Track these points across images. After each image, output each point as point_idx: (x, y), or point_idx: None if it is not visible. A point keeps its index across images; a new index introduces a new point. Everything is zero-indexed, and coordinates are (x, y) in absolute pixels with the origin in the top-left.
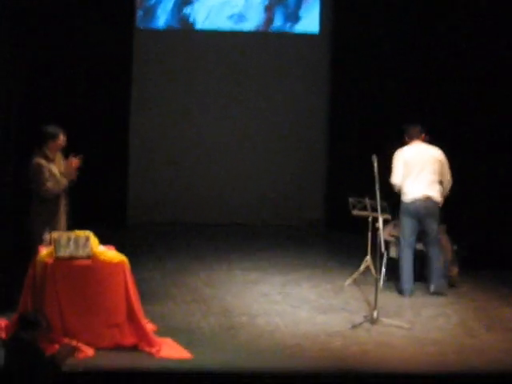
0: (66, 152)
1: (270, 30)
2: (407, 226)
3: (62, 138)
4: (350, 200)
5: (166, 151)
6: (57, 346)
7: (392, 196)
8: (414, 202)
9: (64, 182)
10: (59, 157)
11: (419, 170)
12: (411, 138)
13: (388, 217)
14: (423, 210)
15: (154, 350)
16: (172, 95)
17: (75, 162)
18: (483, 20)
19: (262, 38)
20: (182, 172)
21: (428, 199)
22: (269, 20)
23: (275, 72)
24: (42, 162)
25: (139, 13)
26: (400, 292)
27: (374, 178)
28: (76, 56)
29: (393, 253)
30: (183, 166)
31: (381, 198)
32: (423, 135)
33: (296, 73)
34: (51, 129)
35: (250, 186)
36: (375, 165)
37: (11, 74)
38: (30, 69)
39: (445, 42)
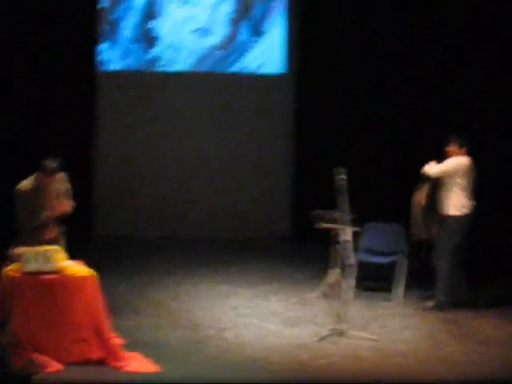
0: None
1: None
2: None
3: (57, 175)
4: (316, 213)
5: (132, 165)
6: (25, 361)
7: (360, 209)
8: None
9: (43, 217)
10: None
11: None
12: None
13: (355, 229)
14: None
15: (121, 365)
16: (137, 114)
17: (67, 207)
18: (452, 48)
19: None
20: (148, 186)
21: None
22: (234, 34)
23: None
24: (22, 190)
25: (104, 27)
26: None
27: (339, 191)
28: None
29: None
30: (150, 180)
31: (348, 210)
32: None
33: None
34: (48, 163)
35: (217, 201)
36: (340, 177)
37: None
38: None
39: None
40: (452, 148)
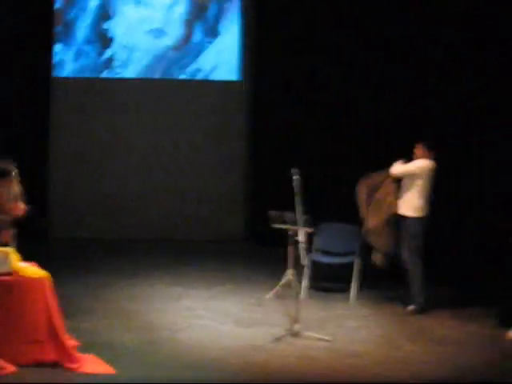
0: None
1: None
2: None
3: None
4: (271, 214)
5: (87, 168)
6: None
7: (314, 210)
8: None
9: None
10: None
11: None
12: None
13: (309, 230)
14: None
15: (75, 366)
16: (93, 116)
17: (22, 209)
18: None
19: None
20: (105, 188)
21: None
22: (188, 35)
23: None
24: None
25: (58, 28)
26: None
27: (294, 191)
28: None
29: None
30: (106, 182)
31: (302, 211)
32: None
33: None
34: (1, 165)
35: (173, 202)
36: (296, 178)
37: None
38: None
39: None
40: (420, 150)
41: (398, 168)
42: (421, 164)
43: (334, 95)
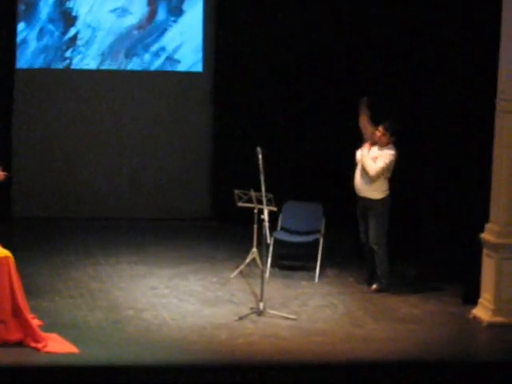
0: None
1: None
2: None
3: None
4: (236, 192)
5: (50, 145)
6: None
7: (276, 189)
8: None
9: None
10: None
11: None
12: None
13: (273, 209)
14: None
15: (40, 346)
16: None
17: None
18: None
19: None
20: (67, 167)
21: None
22: (152, 13)
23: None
24: None
25: (21, 7)
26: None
27: (258, 170)
28: None
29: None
30: (70, 160)
31: (266, 190)
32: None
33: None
34: None
35: (137, 181)
36: (260, 157)
37: None
38: None
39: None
40: (382, 134)
41: (376, 169)
42: (393, 157)
43: (296, 71)
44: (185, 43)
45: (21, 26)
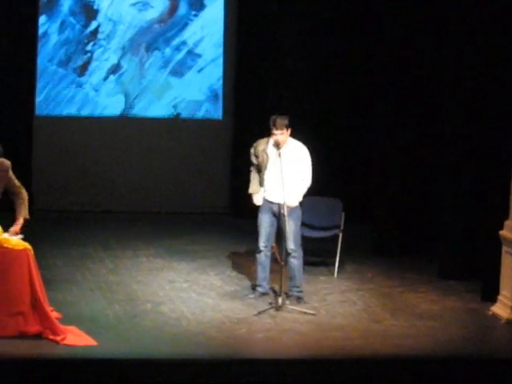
0: None
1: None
2: None
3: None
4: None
5: (71, 139)
6: None
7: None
8: None
9: None
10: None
11: None
12: None
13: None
14: None
15: (58, 338)
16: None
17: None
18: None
19: None
20: (87, 159)
21: None
22: (173, 7)
23: None
24: None
25: (43, 0)
26: None
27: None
28: None
29: None
30: (90, 153)
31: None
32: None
33: None
34: None
35: (157, 175)
36: (279, 152)
37: None
38: None
39: None
40: (283, 132)
41: (309, 179)
42: (309, 157)
43: (322, 71)
44: (206, 37)
45: (42, 19)
